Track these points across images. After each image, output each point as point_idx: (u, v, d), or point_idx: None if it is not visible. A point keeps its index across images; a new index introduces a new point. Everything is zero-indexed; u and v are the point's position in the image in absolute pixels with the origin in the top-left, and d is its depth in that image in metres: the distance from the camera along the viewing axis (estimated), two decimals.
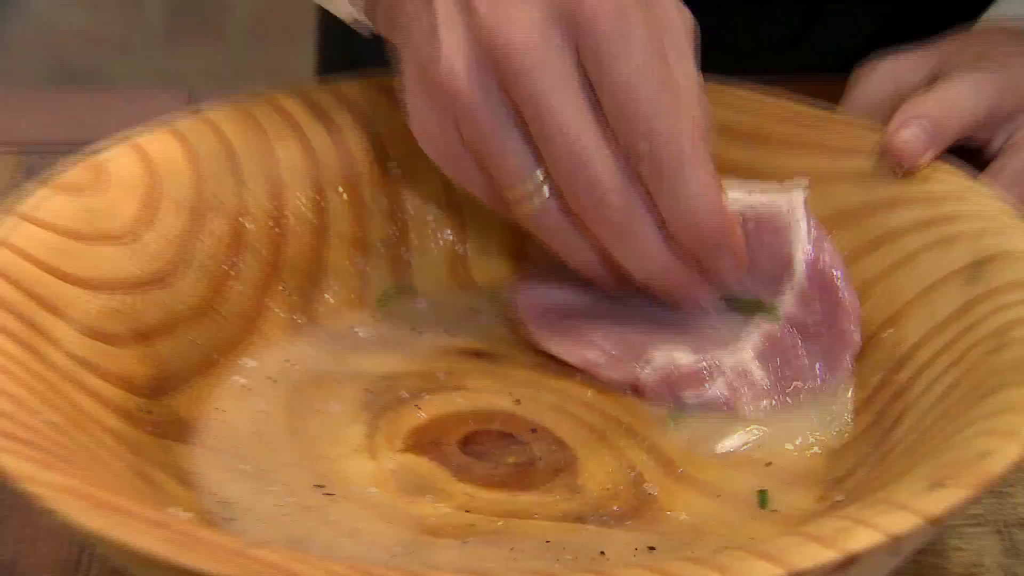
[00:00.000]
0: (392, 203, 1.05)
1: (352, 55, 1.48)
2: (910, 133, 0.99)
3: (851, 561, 0.67)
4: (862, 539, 0.66)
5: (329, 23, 1.64)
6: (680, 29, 0.97)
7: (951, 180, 0.97)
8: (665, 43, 0.94)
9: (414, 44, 0.98)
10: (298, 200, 1.02)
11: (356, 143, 1.05)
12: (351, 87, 1.07)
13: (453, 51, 0.95)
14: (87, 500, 0.71)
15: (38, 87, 3.52)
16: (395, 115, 1.01)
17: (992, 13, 1.22)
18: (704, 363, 0.94)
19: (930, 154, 0.99)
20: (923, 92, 1.05)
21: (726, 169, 1.02)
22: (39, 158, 1.05)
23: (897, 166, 0.99)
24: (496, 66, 0.92)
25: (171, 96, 1.08)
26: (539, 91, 0.91)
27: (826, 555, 0.65)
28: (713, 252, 0.92)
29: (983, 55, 1.11)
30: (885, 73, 1.12)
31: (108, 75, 3.63)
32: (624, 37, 0.91)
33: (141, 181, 0.97)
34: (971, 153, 1.03)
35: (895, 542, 0.68)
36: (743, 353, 0.95)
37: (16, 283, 0.85)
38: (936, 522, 0.71)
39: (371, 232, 1.03)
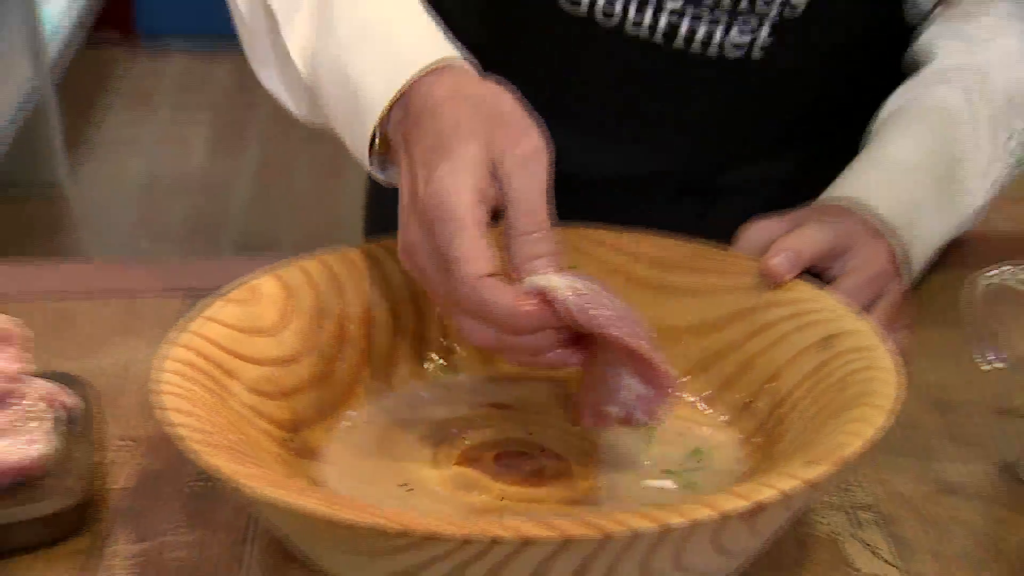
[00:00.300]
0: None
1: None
2: (779, 260, 1.12)
3: (760, 508, 0.81)
4: (765, 494, 0.81)
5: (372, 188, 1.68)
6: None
7: (807, 289, 1.12)
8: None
9: (400, 205, 1.08)
10: (380, 311, 1.16)
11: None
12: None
13: (406, 227, 1.06)
14: (266, 481, 0.86)
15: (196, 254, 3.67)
16: None
17: (824, 195, 1.28)
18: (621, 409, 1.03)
19: (792, 274, 1.12)
20: (787, 235, 1.16)
21: (655, 285, 1.20)
22: (195, 299, 1.11)
23: (771, 281, 1.12)
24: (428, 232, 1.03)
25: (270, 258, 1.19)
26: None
27: (743, 504, 0.80)
28: (525, 330, 0.99)
29: (823, 215, 1.22)
30: (761, 227, 1.20)
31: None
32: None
33: (280, 297, 1.11)
34: (817, 275, 1.16)
35: (786, 498, 0.83)
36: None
37: (207, 357, 1.00)
38: (813, 485, 0.85)
39: (429, 331, 1.17)
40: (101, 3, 4.70)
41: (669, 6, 1.37)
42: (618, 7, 1.37)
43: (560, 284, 1.00)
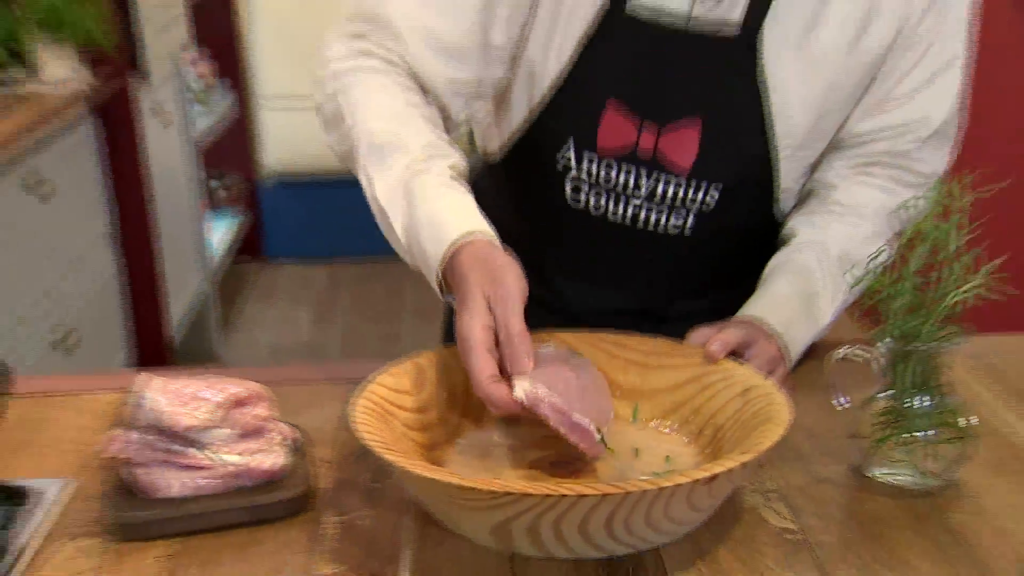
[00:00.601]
0: None
1: None
2: (715, 347, 1.31)
3: (715, 477, 1.00)
4: (718, 469, 1.00)
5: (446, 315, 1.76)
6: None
7: (730, 363, 1.29)
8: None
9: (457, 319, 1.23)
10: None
11: None
12: None
13: (462, 331, 1.20)
14: (416, 466, 1.05)
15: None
16: None
17: (737, 315, 1.43)
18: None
19: (722, 355, 1.30)
20: (717, 333, 1.33)
21: (642, 364, 1.36)
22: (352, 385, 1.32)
23: (710, 359, 1.30)
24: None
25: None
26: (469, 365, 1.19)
27: (705, 474, 0.99)
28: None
29: (738, 325, 1.36)
30: (702, 330, 1.35)
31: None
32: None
33: (414, 374, 1.27)
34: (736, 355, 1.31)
35: (729, 471, 1.01)
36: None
37: (376, 404, 1.18)
38: (744, 465, 1.03)
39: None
40: (242, 237, 4.95)
41: (633, 203, 1.48)
42: (603, 203, 1.49)
43: (526, 387, 1.18)
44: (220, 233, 4.69)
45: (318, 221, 5.27)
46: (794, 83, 1.42)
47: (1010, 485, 1.21)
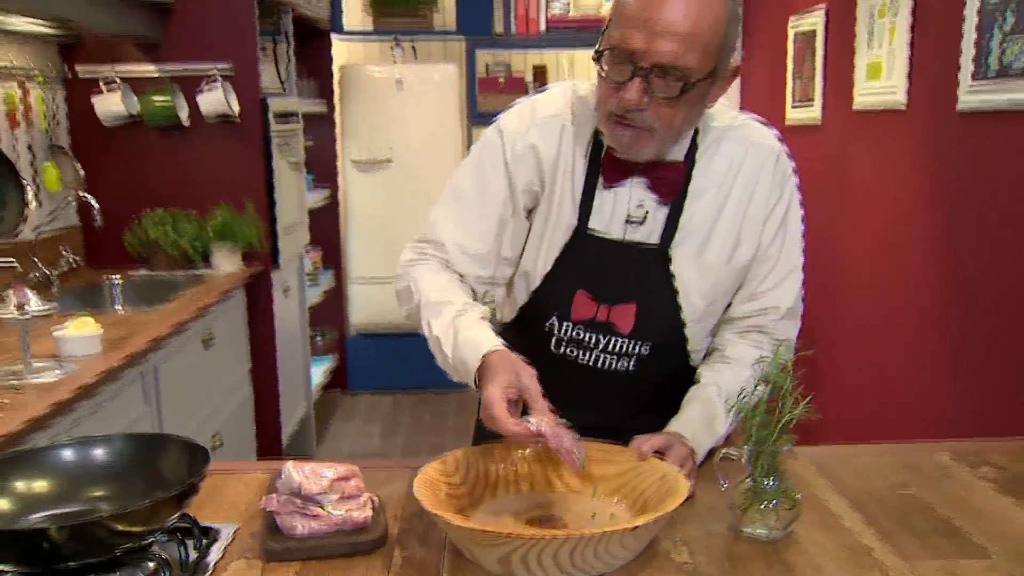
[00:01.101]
0: (510, 468, 1.35)
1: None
2: (644, 449, 1.31)
3: (635, 528, 1.05)
4: (640, 522, 1.06)
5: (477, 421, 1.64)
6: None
7: (655, 460, 1.29)
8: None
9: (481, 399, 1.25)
10: (486, 470, 1.34)
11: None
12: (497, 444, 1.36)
13: (487, 393, 1.23)
14: (451, 518, 1.13)
15: None
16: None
17: (664, 430, 1.40)
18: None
19: (650, 454, 1.30)
20: (646, 440, 1.33)
21: (600, 461, 1.32)
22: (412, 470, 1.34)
23: (641, 458, 1.30)
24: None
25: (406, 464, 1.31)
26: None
27: (632, 525, 1.08)
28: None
29: (663, 435, 1.37)
30: (638, 439, 1.34)
31: None
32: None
33: (455, 461, 1.29)
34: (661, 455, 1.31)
35: (645, 526, 1.06)
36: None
37: (428, 481, 1.21)
38: (655, 521, 1.07)
39: (510, 479, 1.35)
40: (331, 374, 4.88)
41: (594, 353, 1.48)
42: (575, 353, 1.48)
43: (536, 422, 1.22)
44: (319, 371, 4.64)
45: (387, 363, 5.18)
46: (693, 281, 1.45)
47: (823, 536, 1.23)
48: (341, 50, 5.20)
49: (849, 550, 1.18)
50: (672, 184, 1.41)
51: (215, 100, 3.30)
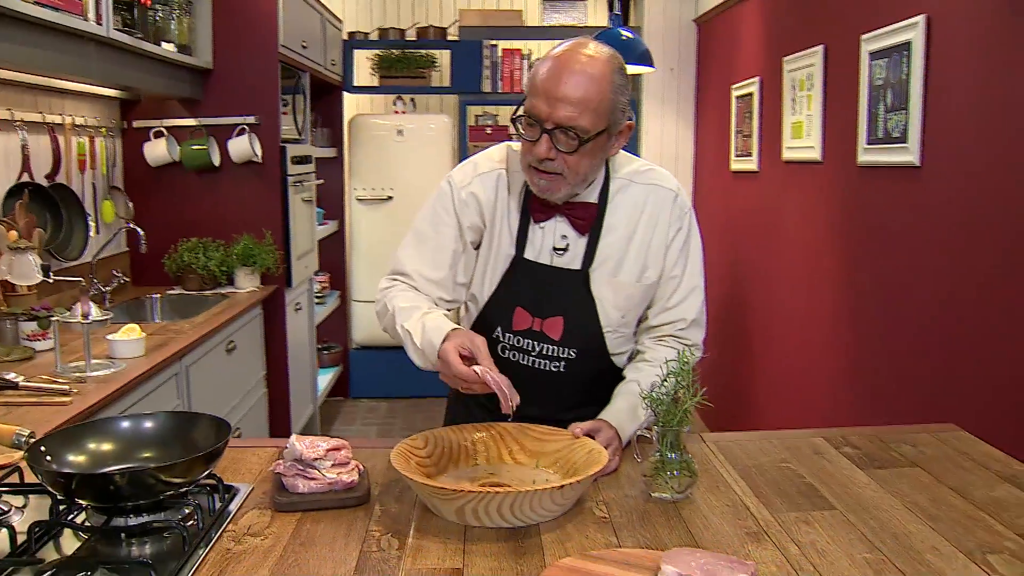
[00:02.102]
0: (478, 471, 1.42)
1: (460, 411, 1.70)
2: (578, 431, 1.39)
3: (566, 487, 1.14)
4: (567, 482, 1.15)
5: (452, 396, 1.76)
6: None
7: (586, 440, 1.38)
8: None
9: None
10: (452, 447, 1.41)
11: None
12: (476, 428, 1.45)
13: (445, 349, 1.34)
14: (419, 481, 1.21)
15: None
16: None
17: (596, 417, 1.46)
18: None
19: (581, 435, 1.39)
20: (579, 425, 1.41)
21: (540, 439, 1.40)
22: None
23: (575, 437, 1.39)
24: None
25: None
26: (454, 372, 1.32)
27: (560, 484, 1.16)
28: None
29: (594, 421, 1.44)
30: (574, 424, 1.41)
31: None
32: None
33: (425, 439, 1.38)
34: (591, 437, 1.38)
35: (573, 485, 1.16)
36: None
37: (404, 452, 1.29)
38: (580, 481, 1.17)
39: (470, 455, 1.43)
40: (335, 382, 4.87)
41: (531, 356, 1.55)
42: (516, 356, 1.56)
43: (484, 368, 1.32)
44: (324, 379, 4.66)
45: (383, 374, 5.16)
46: (608, 297, 1.54)
47: (713, 498, 1.34)
48: (351, 103, 5.35)
49: (732, 507, 1.31)
50: (587, 220, 1.52)
51: (242, 146, 3.45)
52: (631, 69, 3.71)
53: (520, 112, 1.43)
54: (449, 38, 5.08)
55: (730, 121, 4.19)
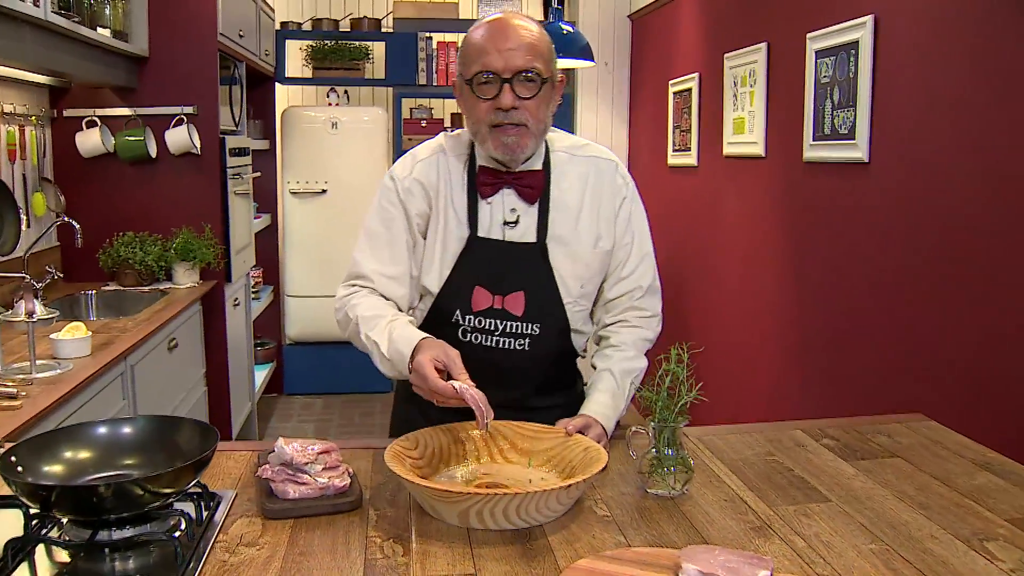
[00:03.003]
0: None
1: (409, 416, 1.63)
2: (570, 427, 1.39)
3: (570, 487, 1.13)
4: (571, 482, 1.14)
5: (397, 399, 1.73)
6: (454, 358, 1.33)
7: (579, 437, 1.37)
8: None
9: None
10: (442, 447, 1.37)
11: None
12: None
13: (419, 362, 1.31)
14: (419, 481, 1.18)
15: None
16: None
17: (580, 412, 1.48)
18: None
19: (573, 432, 1.38)
20: (570, 421, 1.41)
21: (531, 437, 1.37)
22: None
23: (568, 434, 1.37)
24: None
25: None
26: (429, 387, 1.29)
27: (565, 484, 1.16)
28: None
29: (582, 416, 1.44)
30: (563, 421, 1.41)
31: None
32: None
33: (416, 439, 1.34)
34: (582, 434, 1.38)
35: (576, 484, 1.14)
36: None
37: (397, 453, 1.24)
38: (584, 480, 1.15)
39: (462, 455, 1.39)
40: (269, 378, 4.76)
41: (494, 336, 1.52)
42: (478, 338, 1.53)
43: (460, 383, 1.29)
44: (260, 375, 4.58)
45: (318, 370, 5.10)
46: (566, 268, 1.54)
47: (710, 493, 1.33)
48: (283, 95, 5.23)
49: (730, 501, 1.31)
50: (536, 187, 1.53)
51: (180, 137, 3.32)
52: (572, 63, 3.82)
53: (471, 76, 1.45)
54: (384, 30, 5.00)
55: (667, 116, 4.22)
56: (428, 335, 1.41)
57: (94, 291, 3.17)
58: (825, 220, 2.68)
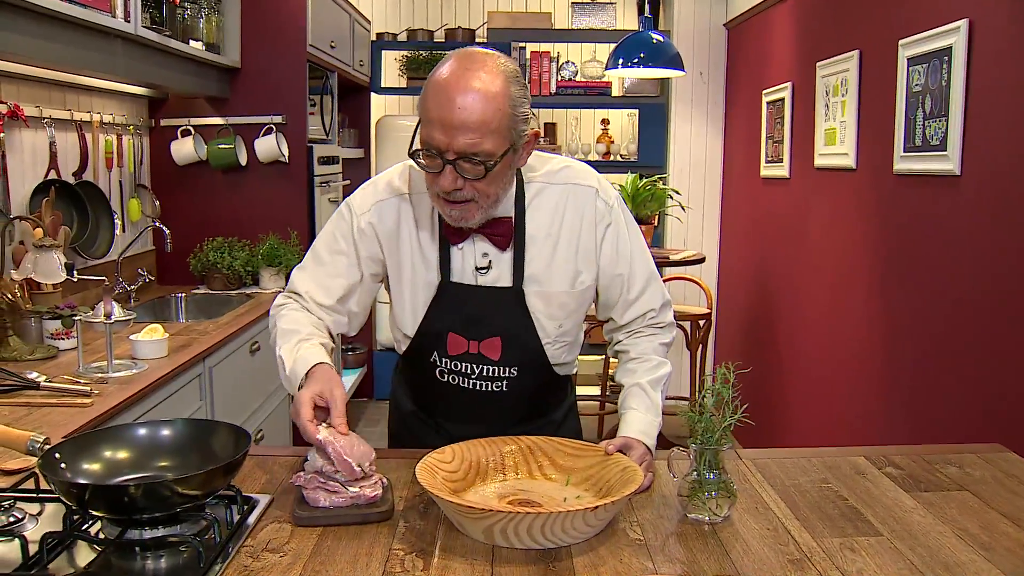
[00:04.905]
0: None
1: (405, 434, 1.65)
2: (610, 448, 1.35)
3: (599, 507, 1.10)
4: (598, 503, 1.11)
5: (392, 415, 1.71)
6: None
7: (619, 456, 1.34)
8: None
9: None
10: (474, 463, 1.36)
11: None
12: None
13: (299, 395, 1.25)
14: (445, 497, 1.17)
15: None
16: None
17: (619, 433, 1.44)
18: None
19: (613, 452, 1.35)
20: (610, 442, 1.36)
21: (572, 455, 1.36)
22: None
23: (608, 454, 1.34)
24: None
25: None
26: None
27: (594, 504, 1.14)
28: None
29: (623, 437, 1.41)
30: (605, 441, 1.37)
31: None
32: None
33: (452, 452, 1.34)
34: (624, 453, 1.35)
35: (607, 504, 1.12)
36: None
37: (430, 466, 1.25)
38: (614, 502, 1.12)
39: (494, 470, 1.38)
40: (359, 383, 4.73)
41: (471, 378, 1.50)
42: (456, 380, 1.52)
43: (328, 433, 1.24)
44: (348, 380, 4.60)
45: None
46: (543, 310, 1.48)
47: (753, 520, 1.28)
48: (379, 104, 5.31)
49: (772, 531, 1.25)
50: (506, 235, 1.45)
51: (269, 146, 3.42)
52: (661, 73, 3.78)
53: (418, 145, 1.32)
54: (478, 40, 5.04)
55: (760, 127, 4.13)
56: (325, 362, 1.36)
57: (184, 294, 3.30)
58: (914, 235, 2.57)
